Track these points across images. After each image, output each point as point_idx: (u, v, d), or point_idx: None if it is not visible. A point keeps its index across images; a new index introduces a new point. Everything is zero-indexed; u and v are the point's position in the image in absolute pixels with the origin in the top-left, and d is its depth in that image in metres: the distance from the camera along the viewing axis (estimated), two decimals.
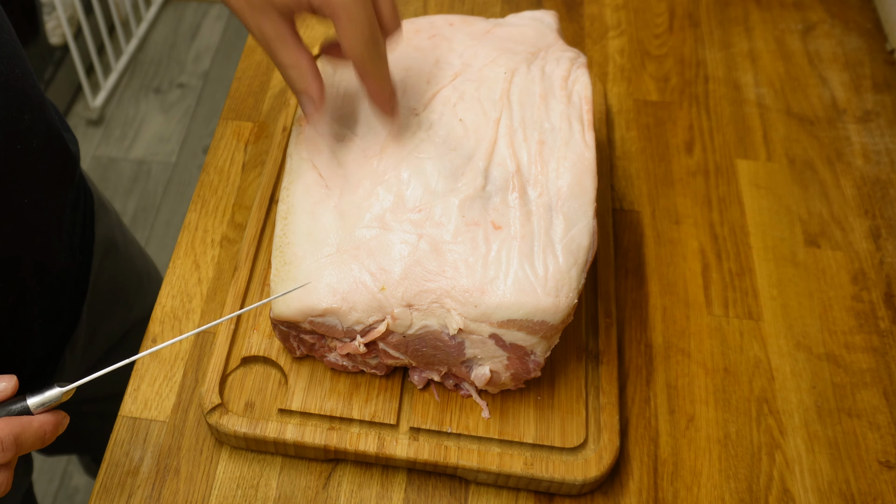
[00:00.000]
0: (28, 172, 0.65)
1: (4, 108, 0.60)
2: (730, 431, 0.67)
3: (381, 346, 0.61)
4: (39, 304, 0.71)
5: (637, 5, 0.99)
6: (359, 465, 0.64)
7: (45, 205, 0.69)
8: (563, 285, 0.57)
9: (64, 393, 0.50)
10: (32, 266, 0.68)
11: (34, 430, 0.49)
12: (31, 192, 0.66)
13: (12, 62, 0.62)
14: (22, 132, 0.63)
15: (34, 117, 0.65)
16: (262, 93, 0.88)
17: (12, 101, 0.61)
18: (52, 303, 0.73)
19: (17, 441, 0.48)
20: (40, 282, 0.70)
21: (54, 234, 0.72)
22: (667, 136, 0.86)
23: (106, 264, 0.83)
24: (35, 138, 0.65)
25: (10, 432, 0.47)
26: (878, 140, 0.86)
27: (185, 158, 2.01)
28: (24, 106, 0.63)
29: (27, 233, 0.67)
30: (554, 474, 0.61)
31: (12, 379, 0.50)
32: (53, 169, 0.70)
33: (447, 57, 0.69)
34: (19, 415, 0.49)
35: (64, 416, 0.51)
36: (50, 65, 1.97)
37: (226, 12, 2.32)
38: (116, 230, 0.88)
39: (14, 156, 0.62)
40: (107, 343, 0.88)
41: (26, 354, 0.72)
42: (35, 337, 0.72)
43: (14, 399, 0.49)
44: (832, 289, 0.75)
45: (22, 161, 0.64)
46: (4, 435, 0.47)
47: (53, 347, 0.77)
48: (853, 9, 0.99)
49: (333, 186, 0.63)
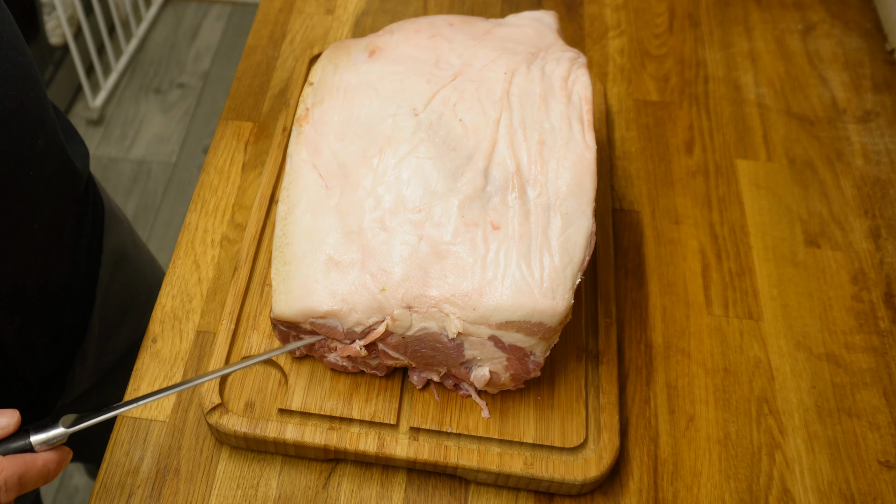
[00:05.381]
0: (40, 197, 0.63)
1: (19, 132, 0.59)
2: (730, 431, 0.67)
3: (381, 347, 0.61)
4: (42, 324, 0.70)
5: (637, 5, 0.99)
6: (359, 464, 0.64)
7: (52, 227, 0.67)
8: (559, 285, 0.57)
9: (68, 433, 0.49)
10: (36, 287, 0.67)
11: (38, 468, 0.48)
12: (42, 217, 0.64)
13: (27, 84, 0.59)
14: (35, 157, 0.61)
15: (48, 142, 0.63)
16: (262, 93, 0.88)
17: (27, 125, 0.59)
18: (55, 320, 0.72)
19: (20, 481, 0.47)
20: (43, 301, 0.69)
21: (57, 253, 0.70)
22: (667, 136, 0.86)
23: (117, 276, 0.82)
24: (48, 163, 0.63)
25: (14, 472, 0.47)
26: (878, 140, 0.86)
27: (185, 158, 2.00)
28: (38, 131, 0.61)
29: (34, 255, 0.65)
30: (554, 474, 0.61)
31: (15, 414, 0.49)
32: (64, 192, 0.68)
33: (447, 57, 0.69)
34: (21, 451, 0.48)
35: (68, 453, 0.50)
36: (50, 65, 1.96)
37: (226, 12, 2.32)
38: (127, 240, 0.86)
39: (27, 182, 0.61)
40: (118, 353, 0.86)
41: (31, 374, 0.71)
42: (39, 356, 0.71)
43: (16, 435, 0.49)
44: (832, 289, 0.75)
45: (34, 187, 0.62)
46: (9, 475, 0.46)
47: (59, 364, 0.75)
48: (853, 9, 0.99)
49: (333, 186, 0.63)
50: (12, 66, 0.58)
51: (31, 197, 0.62)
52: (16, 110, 0.58)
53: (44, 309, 0.69)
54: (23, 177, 0.60)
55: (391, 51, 0.70)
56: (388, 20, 0.96)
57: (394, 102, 0.66)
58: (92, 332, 0.78)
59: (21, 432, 0.49)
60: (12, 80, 0.57)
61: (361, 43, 0.72)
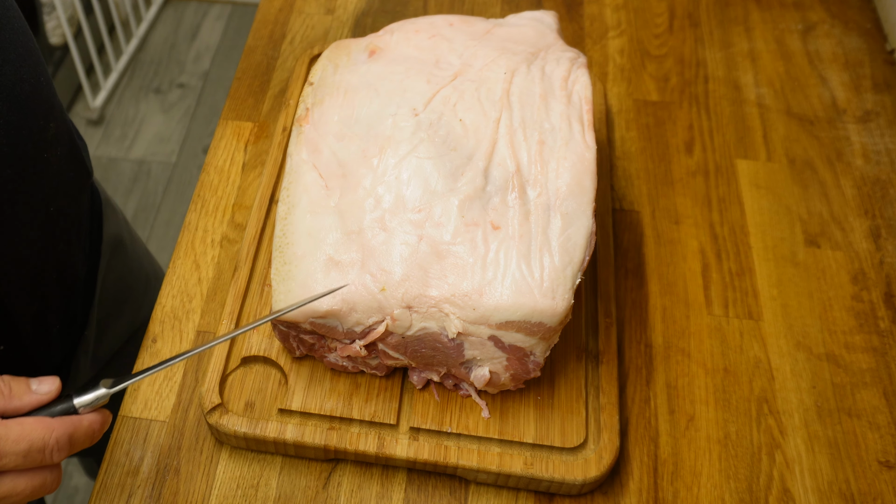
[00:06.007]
0: (53, 181, 0.65)
1: (33, 117, 0.60)
2: (730, 431, 0.67)
3: (381, 347, 0.61)
4: (57, 311, 0.71)
5: (637, 5, 0.99)
6: (359, 464, 0.64)
7: (67, 212, 0.69)
8: (559, 285, 0.57)
9: (110, 393, 0.51)
10: (54, 273, 0.68)
11: (84, 428, 0.50)
12: (56, 200, 0.66)
13: (37, 71, 0.61)
14: (48, 141, 0.62)
15: (58, 126, 0.64)
16: (262, 93, 0.88)
17: (39, 110, 0.61)
18: (68, 308, 0.73)
19: (70, 440, 0.49)
20: (59, 288, 0.70)
21: (74, 239, 0.72)
22: (667, 136, 0.86)
23: (114, 265, 0.83)
24: (59, 146, 0.65)
25: (64, 432, 0.49)
26: (878, 140, 0.86)
27: (185, 158, 2.00)
28: (49, 115, 0.63)
29: (52, 241, 0.67)
30: (554, 474, 0.61)
31: (56, 381, 0.51)
32: (74, 175, 0.70)
33: (447, 57, 0.69)
34: (66, 413, 0.50)
35: (108, 415, 0.52)
36: (50, 65, 1.97)
37: (226, 12, 2.32)
38: (124, 230, 0.87)
39: (41, 165, 0.62)
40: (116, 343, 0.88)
41: (45, 361, 0.72)
42: (53, 342, 0.72)
43: (59, 400, 0.50)
44: (832, 289, 0.75)
45: (48, 170, 0.63)
46: (59, 434, 0.48)
47: (69, 351, 0.77)
48: (853, 9, 0.99)
49: (333, 186, 0.63)
50: (26, 52, 0.59)
51: (47, 180, 0.64)
52: (30, 94, 0.59)
53: (59, 296, 0.71)
54: (39, 160, 0.62)
55: (391, 51, 0.70)
56: (388, 20, 0.96)
57: (394, 102, 0.66)
58: (92, 321, 0.78)
59: (63, 397, 0.51)
60: (26, 66, 0.59)
61: (361, 43, 0.72)
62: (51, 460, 0.48)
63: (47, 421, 0.48)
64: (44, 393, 0.50)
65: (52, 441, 0.48)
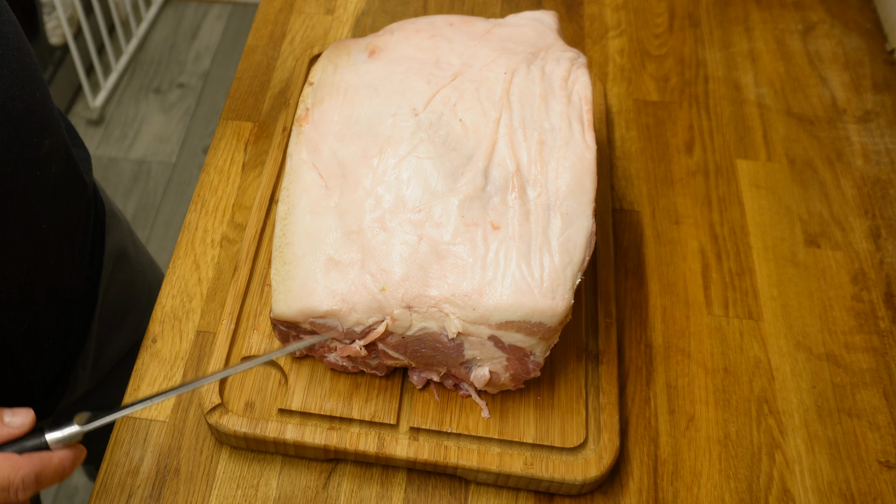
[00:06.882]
0: (47, 198, 0.64)
1: (26, 134, 0.59)
2: (730, 431, 0.67)
3: (381, 347, 0.61)
4: (49, 325, 0.70)
5: (637, 5, 0.99)
6: (359, 464, 0.64)
7: (61, 227, 0.67)
8: (559, 285, 0.57)
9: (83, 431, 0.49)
10: (46, 289, 0.67)
11: (54, 466, 0.48)
12: (49, 217, 0.65)
13: (32, 87, 0.60)
14: (41, 158, 0.61)
15: (54, 143, 0.63)
16: (262, 93, 0.88)
17: (33, 126, 0.60)
18: (62, 322, 0.72)
19: (37, 479, 0.47)
20: (51, 303, 0.69)
21: (67, 254, 0.70)
22: (667, 136, 0.86)
23: (116, 276, 0.82)
24: (54, 163, 0.64)
25: (31, 470, 0.47)
26: (878, 140, 0.86)
27: (185, 158, 2.00)
28: (44, 132, 0.61)
29: (43, 257, 0.65)
30: (554, 474, 0.61)
31: (29, 413, 0.49)
32: (69, 192, 0.69)
33: (447, 57, 0.69)
34: (37, 449, 0.48)
35: (82, 450, 0.51)
36: (50, 65, 1.96)
37: (226, 12, 2.32)
38: (127, 241, 0.86)
39: (33, 182, 0.61)
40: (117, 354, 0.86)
41: (37, 375, 0.71)
42: (45, 357, 0.71)
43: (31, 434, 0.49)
44: (832, 289, 0.75)
45: (40, 187, 0.62)
46: (26, 473, 0.47)
47: (64, 365, 0.75)
48: (853, 9, 0.99)
49: (333, 186, 0.63)
50: (19, 68, 0.58)
51: (39, 198, 0.63)
52: (23, 111, 0.58)
53: (52, 311, 0.69)
54: (31, 177, 0.61)
55: (391, 51, 0.70)
56: (388, 20, 0.96)
57: (394, 102, 0.66)
58: (92, 333, 0.78)
59: (35, 431, 0.49)
60: (19, 82, 0.58)
61: (361, 43, 0.72)
62: (16, 499, 0.47)
63: (14, 458, 0.47)
64: (16, 427, 0.49)
65: (17, 480, 0.46)
